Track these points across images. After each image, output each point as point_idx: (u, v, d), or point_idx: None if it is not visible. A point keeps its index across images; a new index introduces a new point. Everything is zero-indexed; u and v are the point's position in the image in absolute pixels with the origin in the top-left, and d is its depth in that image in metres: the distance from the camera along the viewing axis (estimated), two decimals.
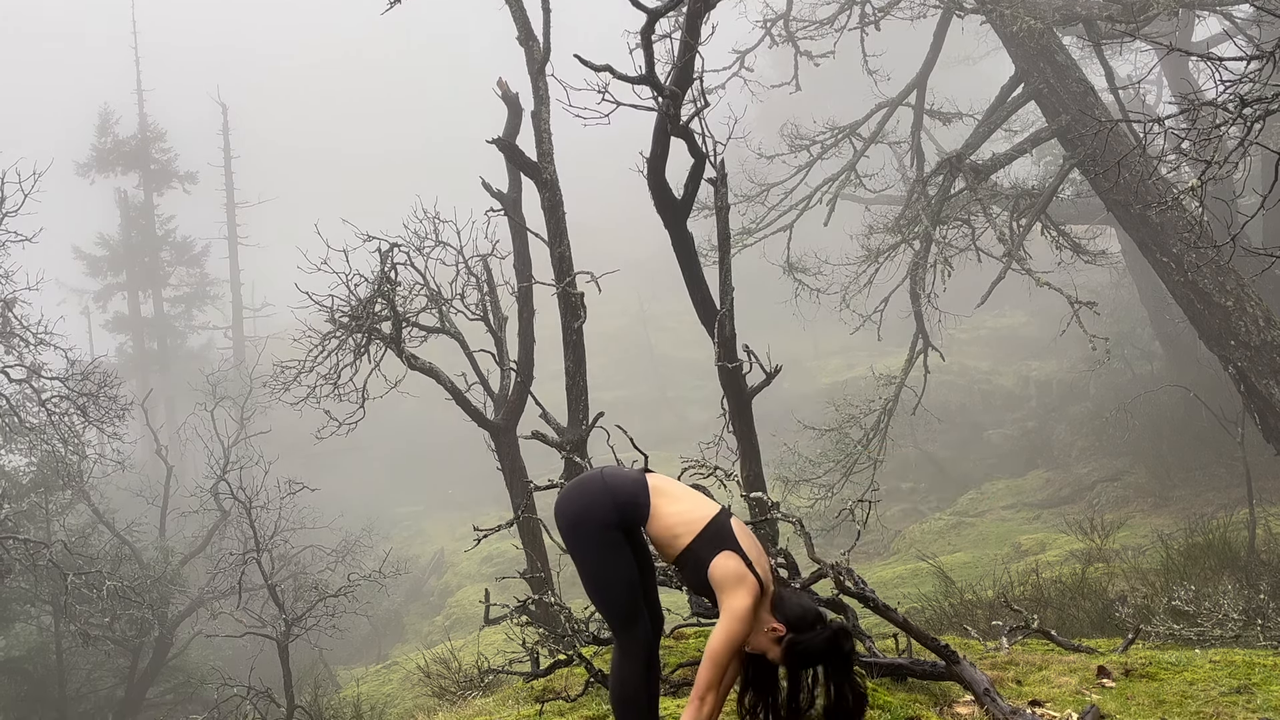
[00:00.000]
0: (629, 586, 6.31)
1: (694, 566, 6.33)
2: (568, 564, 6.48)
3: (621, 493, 6.36)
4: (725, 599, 6.16)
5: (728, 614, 6.10)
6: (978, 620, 16.30)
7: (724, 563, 6.21)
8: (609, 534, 6.30)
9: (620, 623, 6.32)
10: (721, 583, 6.19)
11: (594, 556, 6.31)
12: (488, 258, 19.49)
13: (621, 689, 6.30)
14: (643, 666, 6.30)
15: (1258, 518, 21.36)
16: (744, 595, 6.13)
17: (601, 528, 6.30)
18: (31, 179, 20.09)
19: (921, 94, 27.02)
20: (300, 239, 20.82)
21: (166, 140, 65.56)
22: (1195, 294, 19.86)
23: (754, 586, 6.19)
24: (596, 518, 6.30)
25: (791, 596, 6.43)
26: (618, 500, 6.32)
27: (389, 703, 25.49)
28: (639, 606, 6.34)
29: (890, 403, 24.39)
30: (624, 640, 6.32)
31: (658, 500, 6.41)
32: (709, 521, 6.36)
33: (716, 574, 6.20)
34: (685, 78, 14.33)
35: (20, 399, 23.83)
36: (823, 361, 59.29)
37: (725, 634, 6.08)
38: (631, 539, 6.49)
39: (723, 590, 6.19)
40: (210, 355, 61.49)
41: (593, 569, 6.32)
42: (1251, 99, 10.25)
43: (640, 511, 6.36)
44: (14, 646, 28.18)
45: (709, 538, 6.29)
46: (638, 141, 16.05)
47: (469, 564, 43.31)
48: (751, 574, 6.22)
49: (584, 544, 6.33)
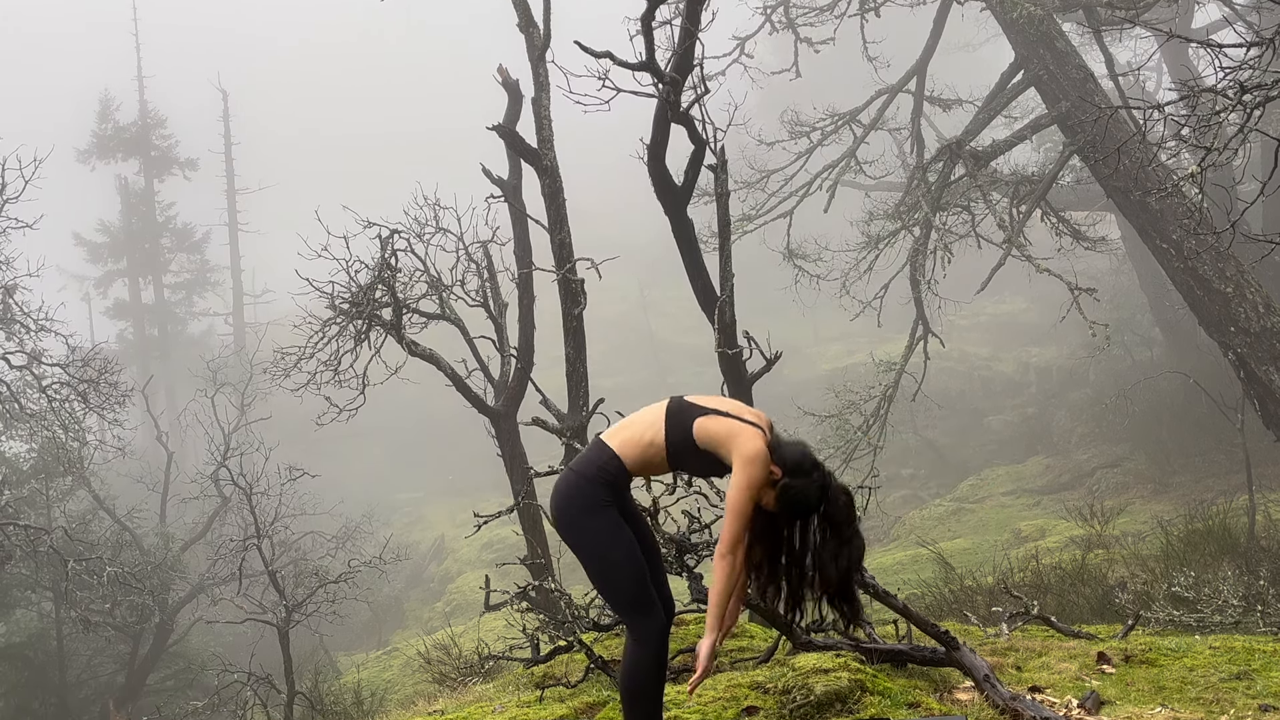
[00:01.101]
0: (633, 567, 6.13)
1: (685, 453, 6.20)
2: (568, 550, 6.41)
3: (587, 466, 6.28)
4: (731, 451, 6.00)
5: (739, 460, 5.93)
6: (978, 606, 16.32)
7: (705, 424, 6.09)
8: (600, 513, 6.16)
9: (629, 608, 6.12)
10: (716, 439, 6.06)
11: (591, 539, 6.16)
12: (488, 244, 19.50)
13: (631, 679, 6.16)
14: (655, 654, 6.19)
15: (1257, 504, 21.37)
16: (747, 438, 5.99)
17: (588, 508, 6.18)
18: (32, 165, 20.10)
19: (921, 80, 27.01)
20: (301, 225, 20.87)
21: (167, 126, 65.60)
22: (1195, 280, 19.86)
23: (754, 430, 6.08)
24: (579, 501, 6.18)
25: (790, 443, 6.31)
26: (586, 474, 6.24)
27: (389, 689, 25.49)
28: (648, 590, 6.16)
29: (890, 389, 24.37)
30: (635, 628, 6.14)
31: (614, 440, 6.27)
32: (666, 411, 6.24)
33: (705, 435, 6.07)
34: (685, 64, 14.33)
35: (21, 385, 23.84)
36: (823, 348, 59.30)
37: (742, 480, 5.91)
38: (631, 521, 6.42)
39: (723, 445, 6.03)
40: (211, 341, 61.39)
41: (594, 552, 6.13)
42: (1251, 85, 10.26)
43: (612, 466, 6.27)
44: (14, 633, 28.20)
45: (677, 421, 6.17)
46: (638, 128, 16.05)
47: (469, 550, 43.38)
48: (746, 423, 6.17)
49: (578, 529, 6.20)
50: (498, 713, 8.48)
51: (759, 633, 10.54)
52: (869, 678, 7.55)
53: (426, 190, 19.14)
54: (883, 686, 7.51)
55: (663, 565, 6.88)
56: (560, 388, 17.54)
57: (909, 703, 7.29)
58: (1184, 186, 19.42)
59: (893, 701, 7.29)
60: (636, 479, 6.51)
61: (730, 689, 7.76)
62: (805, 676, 7.46)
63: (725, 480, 6.35)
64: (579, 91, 13.88)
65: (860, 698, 7.27)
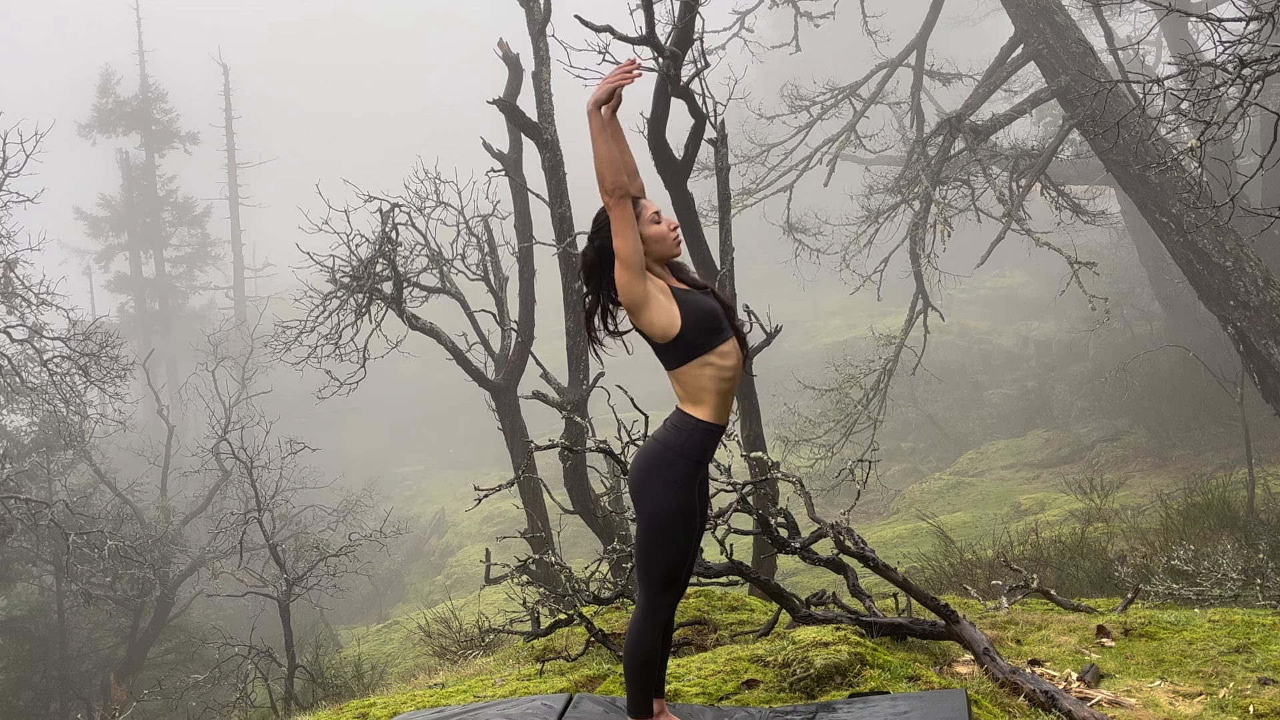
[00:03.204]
0: (682, 554, 6.16)
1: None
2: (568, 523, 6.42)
3: (693, 438, 6.19)
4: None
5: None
6: (977, 580, 16.38)
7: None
8: (681, 492, 6.10)
9: (657, 586, 6.07)
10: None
11: (660, 519, 6.14)
12: (489, 218, 19.53)
13: (637, 651, 6.15)
14: (659, 629, 6.21)
15: (1256, 477, 21.42)
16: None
17: (681, 481, 6.11)
18: (33, 139, 20.10)
19: (921, 54, 26.99)
20: (301, 199, 20.88)
21: (168, 101, 65.72)
22: (1194, 254, 19.86)
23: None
24: (672, 476, 6.12)
25: None
26: (689, 455, 6.14)
27: (390, 662, 25.55)
28: (680, 576, 6.23)
29: (890, 363, 24.39)
30: (652, 603, 6.14)
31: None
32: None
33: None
34: (685, 39, 14.35)
35: (22, 359, 23.88)
36: (823, 321, 59.34)
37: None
38: (699, 503, 6.33)
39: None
40: (211, 315, 61.60)
41: (654, 529, 6.15)
42: (1250, 60, 10.27)
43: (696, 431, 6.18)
44: (16, 606, 28.30)
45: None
46: (638, 102, 16.05)
47: (470, 524, 43.41)
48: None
49: (653, 504, 6.14)
50: (498, 686, 8.50)
51: (759, 606, 10.55)
52: (869, 651, 7.56)
53: (427, 164, 19.17)
54: (882, 660, 7.52)
55: (699, 548, 6.86)
56: (561, 362, 17.59)
57: (909, 676, 7.30)
58: (1183, 160, 19.44)
59: (892, 674, 7.30)
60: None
61: (730, 662, 7.77)
62: (805, 650, 7.47)
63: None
64: (579, 66, 13.90)
65: (860, 671, 7.27)
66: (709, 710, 6.80)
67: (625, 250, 5.71)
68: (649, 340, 5.94)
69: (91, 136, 64.29)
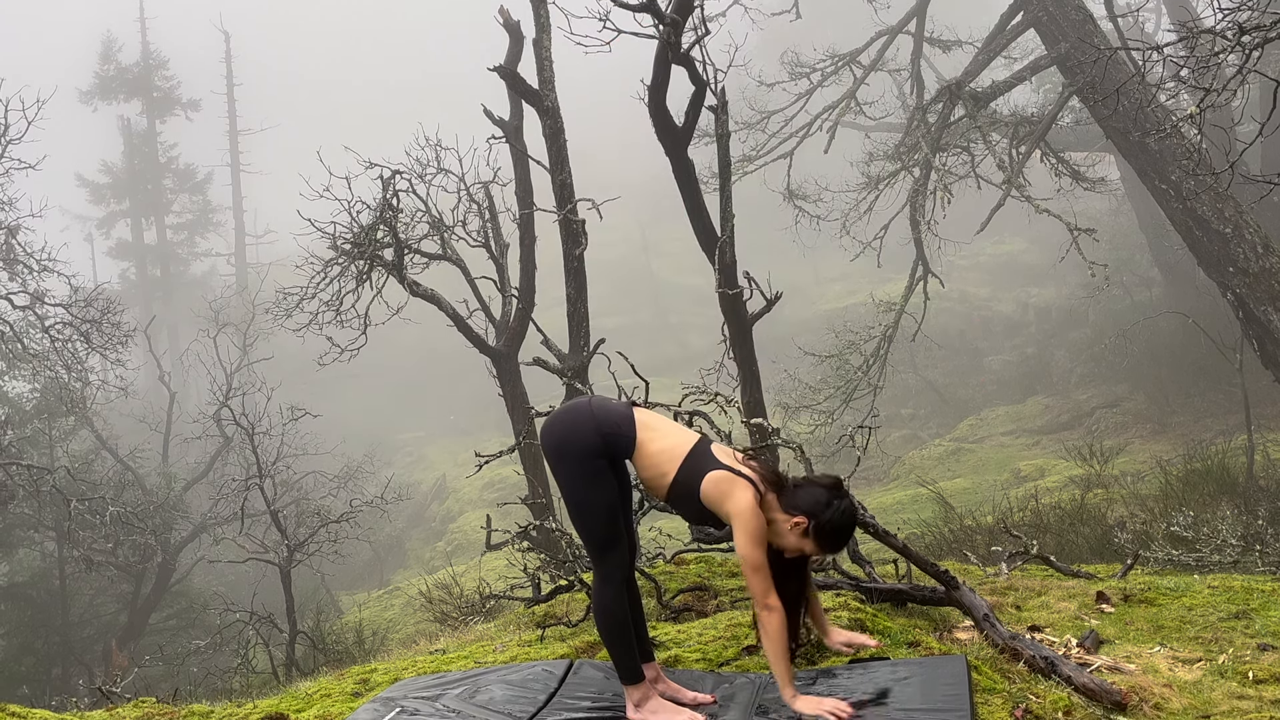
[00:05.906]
0: (609, 513, 6.23)
1: (686, 498, 6.23)
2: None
3: (606, 422, 6.30)
4: (726, 508, 6.11)
5: (735, 518, 5.99)
6: (977, 546, 16.40)
7: (711, 479, 6.17)
8: (593, 462, 6.23)
9: (598, 548, 6.27)
10: (715, 498, 6.10)
11: (578, 483, 6.23)
12: (489, 185, 19.52)
13: (606, 617, 6.25)
14: (620, 590, 6.28)
15: (1256, 444, 21.45)
16: (739, 493, 6.02)
17: (585, 455, 6.24)
18: (35, 106, 20.11)
19: (921, 21, 26.94)
20: (302, 166, 20.86)
21: (169, 68, 65.79)
22: (1194, 221, 19.85)
23: (745, 484, 6.13)
24: (581, 444, 6.25)
25: (802, 486, 6.35)
26: (603, 429, 6.25)
27: (391, 628, 25.60)
28: (618, 532, 6.28)
29: (890, 329, 24.41)
30: (602, 566, 6.25)
31: (643, 434, 6.33)
32: (689, 450, 6.31)
33: (708, 493, 6.11)
34: (686, 5, 14.31)
35: (24, 325, 23.88)
36: (823, 288, 59.32)
37: (742, 536, 5.94)
38: (615, 468, 6.46)
39: (720, 503, 6.08)
40: (213, 282, 61.53)
41: (575, 494, 6.24)
42: (1250, 26, 10.27)
43: (624, 442, 6.28)
44: (17, 572, 28.39)
45: (692, 465, 6.20)
46: (639, 69, 16.05)
47: (471, 490, 43.46)
48: (740, 476, 6.20)
49: (568, 469, 6.25)
50: (499, 651, 8.53)
51: None
52: (869, 617, 7.59)
53: (428, 131, 19.16)
54: (883, 626, 7.55)
55: (631, 510, 7.00)
56: (561, 328, 17.59)
57: (909, 642, 7.32)
58: (1183, 127, 19.43)
59: (892, 640, 7.32)
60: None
61: (731, 628, 7.80)
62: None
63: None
64: (580, 33, 13.89)
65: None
66: (709, 676, 6.83)
67: (752, 558, 6.05)
68: (704, 506, 6.25)
69: (93, 103, 64.34)
